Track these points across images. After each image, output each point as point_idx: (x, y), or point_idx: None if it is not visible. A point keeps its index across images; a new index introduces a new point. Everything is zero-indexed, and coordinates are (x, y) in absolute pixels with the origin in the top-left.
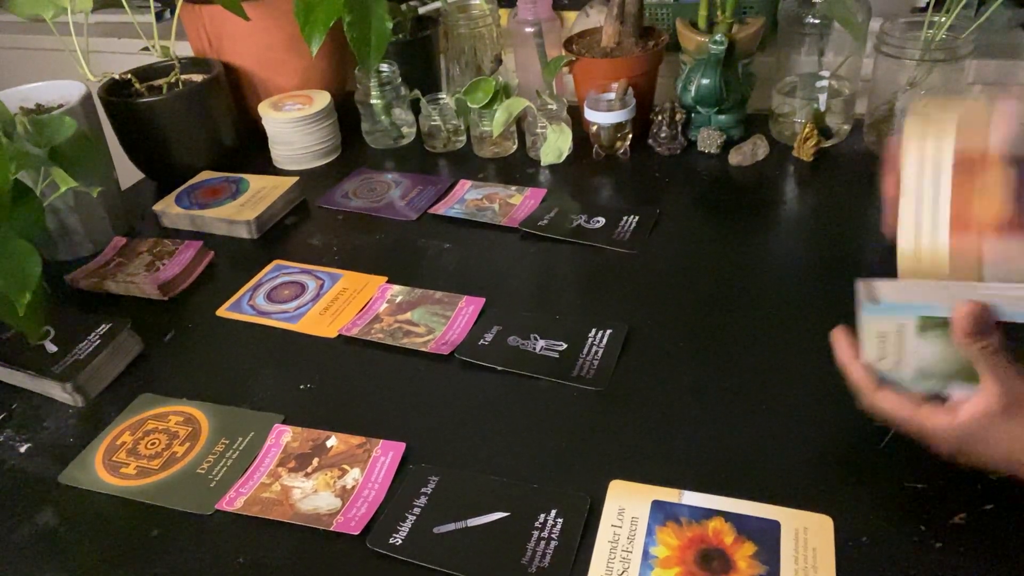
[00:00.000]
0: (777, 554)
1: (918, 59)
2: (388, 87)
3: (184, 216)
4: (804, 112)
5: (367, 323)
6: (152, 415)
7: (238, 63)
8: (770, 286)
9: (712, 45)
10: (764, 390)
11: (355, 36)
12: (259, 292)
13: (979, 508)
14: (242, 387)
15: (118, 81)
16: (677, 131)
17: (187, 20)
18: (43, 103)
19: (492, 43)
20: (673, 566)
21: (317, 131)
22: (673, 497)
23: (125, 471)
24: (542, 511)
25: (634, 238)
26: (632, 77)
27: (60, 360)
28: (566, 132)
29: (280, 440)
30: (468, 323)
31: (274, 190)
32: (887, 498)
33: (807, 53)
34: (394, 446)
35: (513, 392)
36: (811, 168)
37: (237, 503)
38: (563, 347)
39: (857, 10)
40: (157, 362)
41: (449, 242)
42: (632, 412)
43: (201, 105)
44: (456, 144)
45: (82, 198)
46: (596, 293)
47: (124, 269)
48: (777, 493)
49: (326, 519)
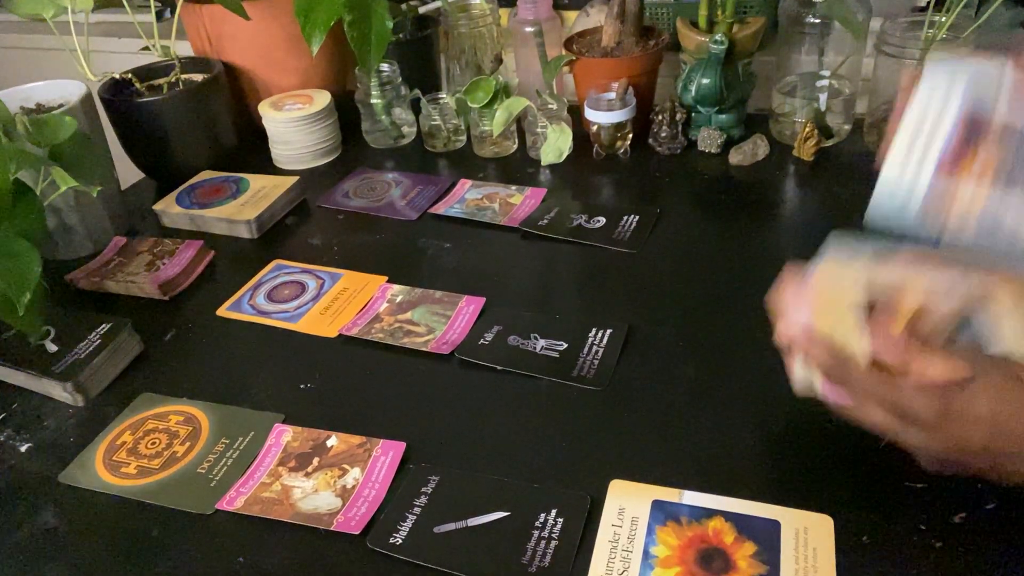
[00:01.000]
0: (777, 554)
1: (918, 59)
2: (388, 87)
3: (184, 216)
4: (804, 112)
5: (367, 323)
6: (152, 415)
7: (238, 63)
8: (770, 286)
9: (712, 45)
10: (764, 390)
11: (355, 36)
12: (259, 292)
13: (979, 508)
14: (242, 387)
15: (118, 81)
16: (677, 131)
17: (187, 20)
18: (43, 103)
19: (492, 43)
20: (673, 566)
21: (317, 131)
22: (673, 497)
23: (125, 471)
24: (542, 511)
25: (634, 238)
26: (632, 77)
27: (60, 360)
28: (566, 132)
29: (280, 440)
30: (468, 323)
31: (274, 190)
32: (887, 498)
33: (807, 53)
34: (394, 446)
35: (513, 392)
36: (811, 168)
37: (237, 503)
38: (563, 347)
39: (857, 10)
40: (157, 362)
41: (449, 242)
42: (632, 412)
43: (201, 105)
44: (456, 144)
45: (82, 198)
46: (596, 293)
47: (124, 269)
48: (777, 493)
49: (326, 519)
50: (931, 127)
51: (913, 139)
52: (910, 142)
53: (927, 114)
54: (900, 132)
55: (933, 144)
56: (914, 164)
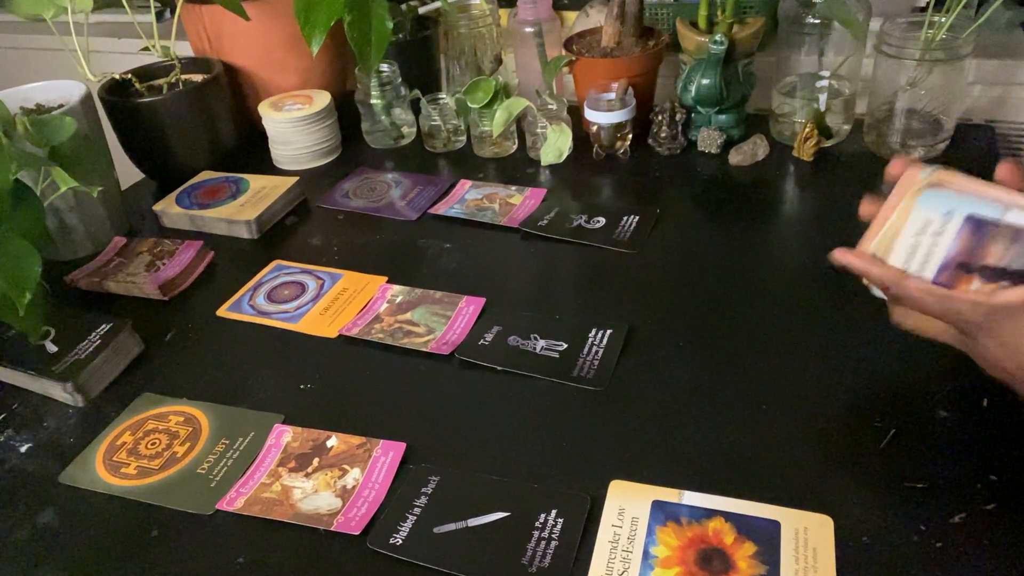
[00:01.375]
0: (777, 554)
1: (918, 59)
2: (388, 87)
3: (184, 216)
4: (804, 112)
5: (367, 323)
6: (152, 415)
7: (238, 63)
8: (770, 286)
9: (712, 45)
10: (764, 390)
11: (355, 36)
12: (259, 292)
13: (979, 508)
14: (242, 387)
15: (118, 81)
16: (677, 131)
17: (187, 20)
18: (43, 103)
19: (492, 43)
20: (673, 566)
21: (317, 131)
22: (673, 497)
23: (125, 471)
24: (542, 511)
25: (634, 238)
26: (632, 77)
27: (60, 360)
28: (566, 132)
29: (280, 440)
30: (468, 323)
31: (274, 190)
32: (887, 498)
33: (807, 53)
34: (394, 446)
35: (513, 392)
36: (811, 168)
37: (237, 503)
38: (563, 347)
39: (857, 10)
40: (157, 362)
41: (449, 242)
42: (632, 412)
43: (201, 105)
44: (456, 144)
45: (82, 198)
46: (596, 293)
47: (124, 269)
48: (777, 493)
49: (326, 519)
50: (926, 251)
51: (908, 257)
52: (906, 259)
53: (921, 240)
54: (895, 248)
55: (928, 265)
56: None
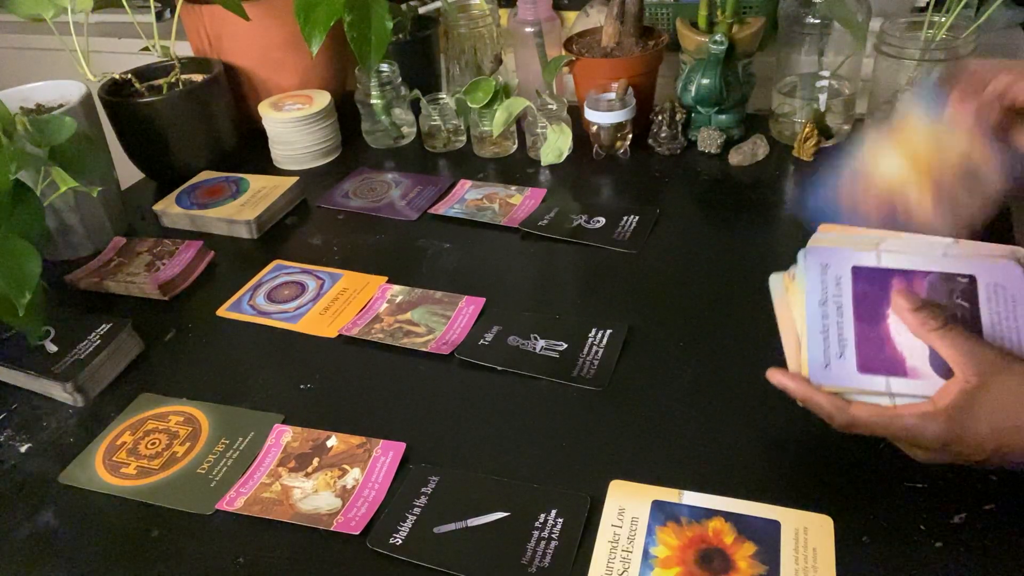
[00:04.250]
0: (777, 554)
1: (918, 59)
2: (388, 87)
3: (184, 216)
4: (804, 112)
5: (367, 323)
6: (152, 415)
7: (238, 63)
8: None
9: (712, 45)
10: (764, 390)
11: (355, 36)
12: (259, 292)
13: (979, 508)
14: (242, 387)
15: (118, 81)
16: (677, 131)
17: (187, 20)
18: (43, 103)
19: (492, 43)
20: (673, 566)
21: (317, 131)
22: (673, 497)
23: (125, 471)
24: (542, 511)
25: (634, 238)
26: (632, 77)
27: (60, 360)
28: (566, 132)
29: (280, 440)
30: (468, 323)
31: (274, 190)
32: (887, 498)
33: (807, 53)
34: (394, 446)
35: (513, 392)
36: (811, 168)
37: (237, 503)
38: (563, 347)
39: (857, 10)
40: (157, 362)
41: (449, 242)
42: (632, 412)
43: (201, 105)
44: (456, 144)
45: (82, 198)
46: (596, 293)
47: (124, 269)
48: (777, 493)
49: (326, 519)
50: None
51: (824, 342)
52: (823, 347)
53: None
54: (805, 343)
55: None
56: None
